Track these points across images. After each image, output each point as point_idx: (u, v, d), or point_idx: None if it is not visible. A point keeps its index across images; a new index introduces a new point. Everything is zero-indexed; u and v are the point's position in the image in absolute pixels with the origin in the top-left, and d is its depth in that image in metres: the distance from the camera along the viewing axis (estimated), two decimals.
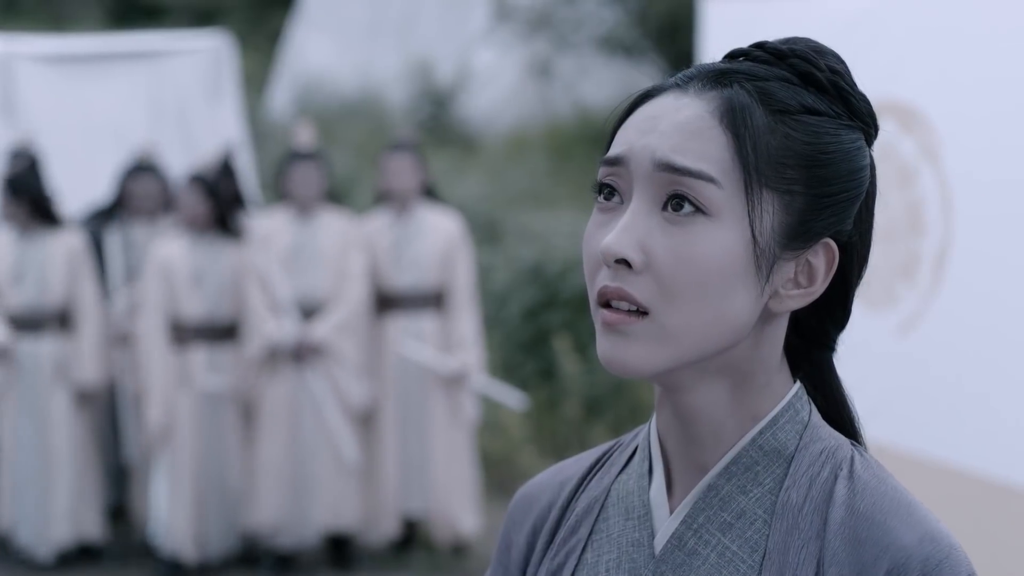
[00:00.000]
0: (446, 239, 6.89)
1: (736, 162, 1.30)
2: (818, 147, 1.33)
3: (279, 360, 6.75)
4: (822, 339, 1.42)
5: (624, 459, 1.48)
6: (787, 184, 1.31)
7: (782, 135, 1.31)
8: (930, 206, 3.44)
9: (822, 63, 1.36)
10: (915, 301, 3.49)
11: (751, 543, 1.34)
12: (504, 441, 8.06)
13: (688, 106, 1.32)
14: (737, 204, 1.30)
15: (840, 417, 1.45)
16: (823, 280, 1.35)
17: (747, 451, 1.37)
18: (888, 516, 1.31)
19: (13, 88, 9.36)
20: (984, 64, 3.34)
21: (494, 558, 1.54)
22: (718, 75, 1.34)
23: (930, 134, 3.46)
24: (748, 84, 1.33)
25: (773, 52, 1.37)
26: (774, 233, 1.31)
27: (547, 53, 15.79)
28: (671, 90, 1.35)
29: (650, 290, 1.30)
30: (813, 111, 1.34)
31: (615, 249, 1.29)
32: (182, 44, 10.28)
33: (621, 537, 1.41)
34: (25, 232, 6.97)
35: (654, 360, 1.31)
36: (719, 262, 1.29)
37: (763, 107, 1.32)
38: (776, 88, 1.33)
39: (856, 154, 1.35)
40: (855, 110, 1.37)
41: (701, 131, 1.31)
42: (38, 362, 6.88)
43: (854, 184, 1.35)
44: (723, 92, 1.33)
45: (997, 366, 3.30)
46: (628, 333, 1.31)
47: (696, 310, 1.30)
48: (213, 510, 6.80)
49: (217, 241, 6.83)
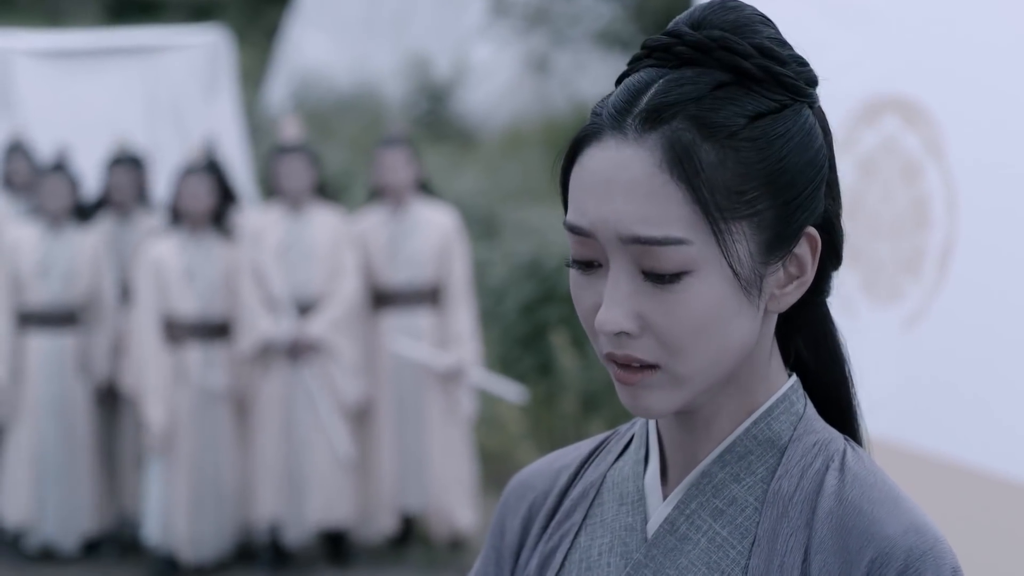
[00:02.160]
0: (441, 235, 6.88)
1: (697, 211, 1.28)
2: (771, 158, 1.30)
3: (273, 356, 6.74)
4: (816, 282, 1.40)
5: (620, 447, 1.49)
6: (751, 208, 1.30)
7: (733, 162, 1.29)
8: (935, 201, 3.43)
9: (746, 47, 1.31)
10: (920, 296, 3.49)
11: (741, 529, 1.36)
12: (501, 436, 8.06)
13: (633, 161, 1.29)
14: (710, 249, 1.29)
15: (835, 368, 1.45)
16: (812, 265, 1.35)
17: (741, 440, 1.38)
18: (875, 507, 1.32)
19: (10, 83, 9.36)
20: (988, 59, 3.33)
21: (487, 543, 1.56)
22: (651, 113, 1.30)
23: (934, 129, 3.45)
24: (683, 117, 1.29)
25: (694, 46, 1.33)
26: (752, 257, 1.31)
27: (544, 48, 15.79)
28: (609, 135, 1.32)
29: (654, 349, 1.31)
30: (756, 116, 1.30)
31: (611, 327, 1.30)
32: (178, 39, 10.28)
33: (615, 522, 1.43)
34: (54, 226, 7.00)
35: (675, 401, 1.34)
36: (711, 308, 1.30)
37: (707, 141, 1.28)
38: (712, 107, 1.30)
39: (808, 138, 1.33)
40: (791, 86, 1.33)
41: (654, 191, 1.28)
42: (62, 357, 6.93)
43: (815, 171, 1.33)
44: (663, 133, 1.29)
45: (1003, 361, 3.30)
46: (645, 386, 1.33)
47: (702, 353, 1.31)
48: (209, 508, 6.79)
49: (208, 238, 6.82)
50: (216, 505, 6.80)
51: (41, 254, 6.96)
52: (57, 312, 6.97)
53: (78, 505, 7.01)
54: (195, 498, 6.75)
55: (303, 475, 6.74)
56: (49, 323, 6.95)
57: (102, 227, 7.28)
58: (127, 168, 7.54)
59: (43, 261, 6.95)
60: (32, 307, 6.97)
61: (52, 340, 6.95)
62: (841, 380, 1.46)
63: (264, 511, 6.77)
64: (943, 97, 3.46)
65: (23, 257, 6.97)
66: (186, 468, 6.72)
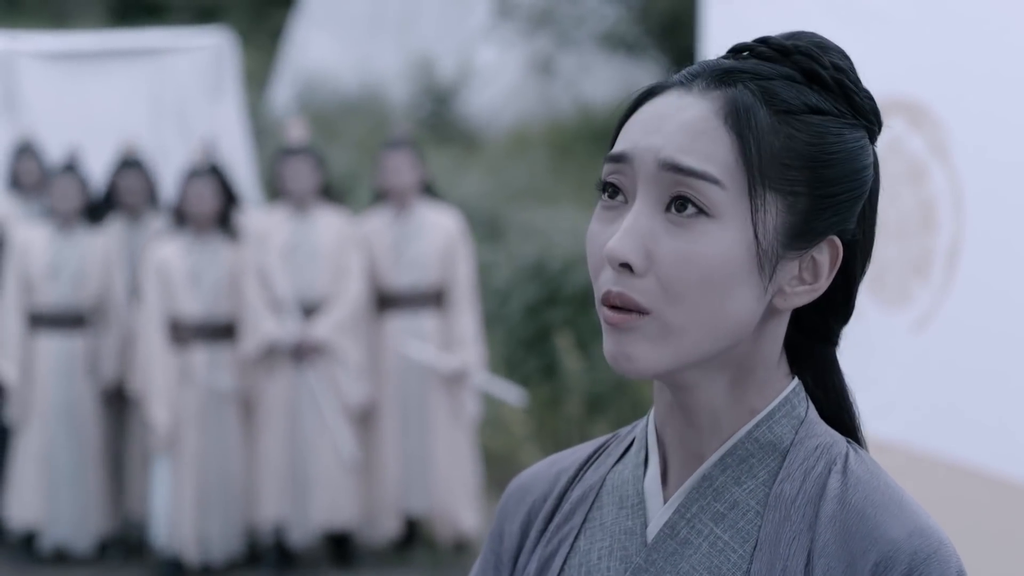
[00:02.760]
0: (446, 237, 6.88)
1: (740, 164, 1.30)
2: (822, 148, 1.33)
3: (277, 358, 6.74)
4: (825, 334, 1.43)
5: (620, 450, 1.49)
6: (790, 185, 1.32)
7: (786, 136, 1.32)
8: (941, 203, 3.43)
9: (826, 60, 1.35)
10: (929, 298, 3.48)
11: (743, 533, 1.35)
12: (505, 438, 8.05)
13: (692, 106, 1.33)
14: (740, 205, 1.30)
15: (840, 412, 1.45)
16: (828, 276, 1.36)
17: (743, 443, 1.38)
18: (879, 510, 1.32)
19: (15, 85, 9.37)
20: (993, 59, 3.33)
21: (485, 547, 1.56)
22: (722, 74, 1.34)
23: (939, 131, 3.45)
24: (752, 84, 1.33)
25: (777, 48, 1.36)
26: (777, 233, 1.32)
27: (548, 50, 15.78)
28: (675, 88, 1.35)
29: (653, 292, 1.31)
30: (817, 110, 1.34)
31: (618, 253, 1.30)
32: (183, 41, 10.28)
33: (614, 525, 1.43)
34: (64, 228, 7.01)
35: (658, 357, 1.32)
36: (722, 262, 1.30)
37: (767, 107, 1.32)
38: (780, 87, 1.33)
39: (860, 153, 1.35)
40: (859, 108, 1.37)
41: (706, 132, 1.31)
42: (71, 359, 6.94)
43: (857, 184, 1.35)
44: (727, 92, 1.33)
45: (1013, 362, 3.29)
46: (632, 330, 1.32)
47: (699, 309, 1.31)
48: (216, 509, 6.79)
49: (213, 240, 6.82)
50: (223, 506, 6.81)
51: (51, 256, 6.98)
52: (67, 314, 6.98)
53: (90, 507, 7.03)
54: (202, 499, 6.75)
55: (307, 477, 6.73)
56: (59, 325, 6.97)
57: (113, 229, 7.28)
58: (137, 171, 7.55)
59: (53, 263, 6.97)
60: (42, 309, 6.98)
61: (62, 342, 6.96)
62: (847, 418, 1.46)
63: (268, 513, 6.77)
64: (948, 98, 3.46)
65: (33, 259, 6.98)
66: (192, 469, 6.72)
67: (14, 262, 7.00)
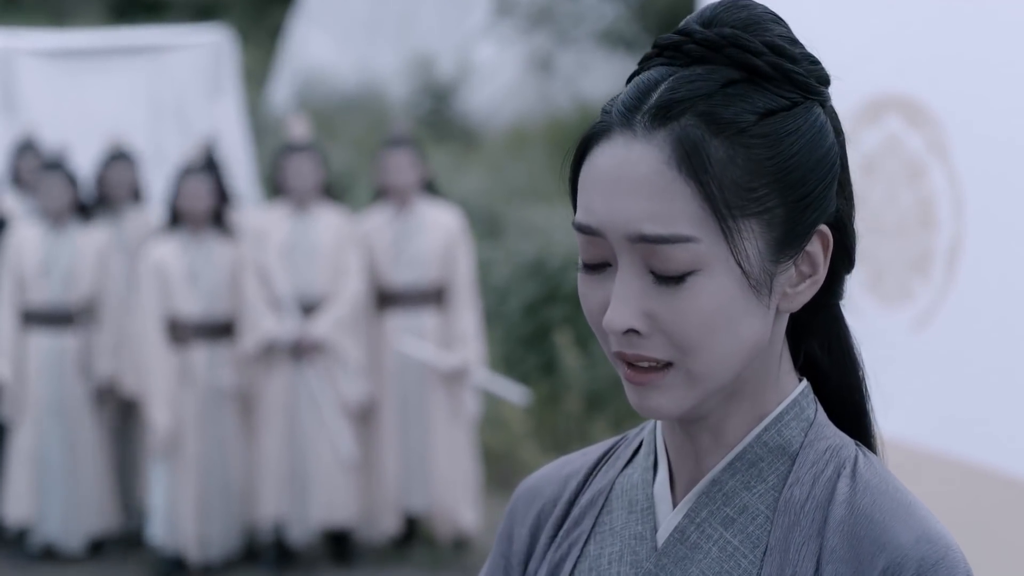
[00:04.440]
0: (446, 235, 6.87)
1: (706, 208, 1.27)
2: (782, 155, 1.29)
3: (277, 356, 6.74)
4: (829, 285, 1.39)
5: (629, 453, 1.48)
6: (761, 205, 1.29)
7: (743, 159, 1.28)
8: (941, 201, 3.42)
9: (758, 44, 1.30)
10: (929, 296, 3.48)
11: (753, 538, 1.35)
12: (505, 436, 8.05)
13: (642, 158, 1.28)
14: (719, 247, 1.28)
15: (850, 375, 1.44)
16: (824, 263, 1.34)
17: (751, 447, 1.37)
18: (887, 515, 1.31)
19: (13, 83, 9.36)
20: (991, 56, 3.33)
21: (494, 549, 1.54)
22: (662, 110, 1.29)
23: (938, 129, 3.44)
24: (692, 115, 1.28)
25: (704, 43, 1.31)
26: (763, 256, 1.30)
27: (547, 48, 15.78)
28: (618, 133, 1.31)
29: (666, 347, 1.30)
30: (766, 113, 1.29)
31: (619, 324, 1.29)
32: (182, 39, 10.28)
33: (624, 530, 1.42)
34: (56, 225, 7.01)
35: (685, 402, 1.32)
36: (720, 307, 1.28)
37: (716, 137, 1.27)
38: (722, 104, 1.28)
39: (819, 136, 1.32)
40: (802, 85, 1.32)
41: (663, 189, 1.27)
42: (62, 357, 6.94)
43: (826, 169, 1.33)
44: (672, 130, 1.28)
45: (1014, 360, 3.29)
46: (655, 385, 1.31)
47: (714, 351, 1.30)
48: (217, 507, 6.79)
49: (209, 238, 6.82)
50: (223, 505, 6.80)
51: (43, 254, 6.97)
52: (58, 312, 6.97)
53: (83, 505, 7.01)
54: (202, 498, 6.75)
55: (307, 475, 6.73)
56: (50, 323, 6.96)
57: (103, 225, 7.27)
58: (123, 164, 7.54)
59: (45, 261, 6.97)
60: (34, 306, 6.98)
61: (53, 340, 6.96)
62: (856, 385, 1.45)
63: (268, 511, 6.77)
64: (946, 96, 3.45)
65: (26, 256, 6.98)
66: (193, 468, 6.71)
67: (10, 259, 7.01)
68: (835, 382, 1.44)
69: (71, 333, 6.98)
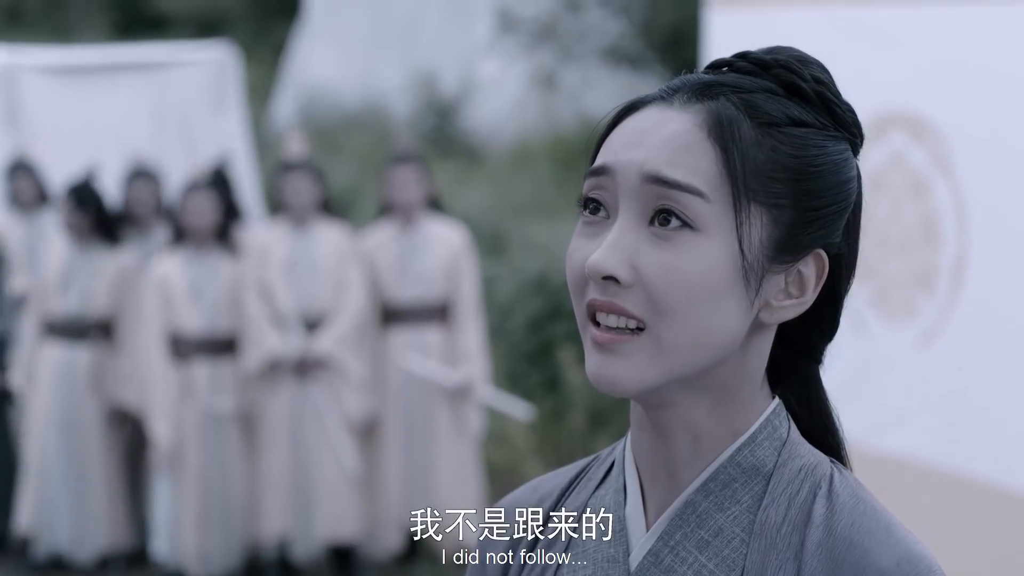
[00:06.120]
0: (451, 251, 6.87)
1: (724, 176, 1.29)
2: (805, 160, 1.32)
3: (280, 373, 6.73)
4: (809, 351, 1.41)
5: (601, 474, 1.47)
6: (775, 198, 1.31)
7: (769, 148, 1.31)
8: (945, 217, 3.43)
9: (806, 73, 1.34)
10: (934, 312, 3.48)
11: (728, 562, 1.33)
12: (509, 452, 8.05)
13: (674, 119, 1.31)
14: (725, 218, 1.29)
15: (824, 431, 1.44)
16: (814, 290, 1.35)
17: (725, 468, 1.36)
18: (866, 537, 1.30)
19: (17, 99, 9.37)
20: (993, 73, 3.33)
21: (468, 570, 1.55)
22: (703, 87, 1.33)
23: (942, 145, 3.45)
24: (734, 96, 1.32)
25: (756, 62, 1.36)
26: (762, 247, 1.31)
27: (551, 64, 15.78)
28: (655, 103, 1.34)
29: (642, 304, 1.29)
30: (799, 123, 1.33)
31: (602, 266, 1.29)
32: (186, 55, 10.30)
33: (597, 553, 1.41)
34: (81, 242, 7.03)
35: (645, 377, 1.31)
36: (707, 276, 1.29)
37: (750, 120, 1.31)
38: (762, 100, 1.32)
39: (843, 166, 1.35)
40: (840, 120, 1.36)
41: (689, 145, 1.30)
42: (73, 370, 6.96)
43: (842, 196, 1.34)
44: (709, 105, 1.32)
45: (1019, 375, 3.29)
46: (620, 351, 1.30)
47: (687, 324, 1.29)
48: (217, 524, 6.79)
49: (213, 254, 6.82)
50: (224, 521, 6.80)
51: (65, 267, 7.03)
52: (73, 325, 7.01)
53: (91, 520, 7.02)
54: (203, 514, 6.74)
55: (311, 491, 6.73)
56: (65, 335, 7.01)
57: (129, 246, 7.28)
58: (144, 182, 7.55)
59: (65, 274, 7.02)
60: (53, 318, 7.03)
61: (65, 352, 7.00)
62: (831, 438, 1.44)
63: (272, 527, 6.76)
64: (949, 112, 3.46)
65: (51, 268, 7.05)
66: (194, 484, 6.71)
67: (40, 271, 7.13)
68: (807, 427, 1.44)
69: (85, 348, 7.01)
